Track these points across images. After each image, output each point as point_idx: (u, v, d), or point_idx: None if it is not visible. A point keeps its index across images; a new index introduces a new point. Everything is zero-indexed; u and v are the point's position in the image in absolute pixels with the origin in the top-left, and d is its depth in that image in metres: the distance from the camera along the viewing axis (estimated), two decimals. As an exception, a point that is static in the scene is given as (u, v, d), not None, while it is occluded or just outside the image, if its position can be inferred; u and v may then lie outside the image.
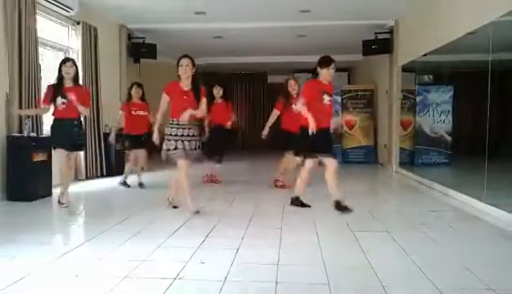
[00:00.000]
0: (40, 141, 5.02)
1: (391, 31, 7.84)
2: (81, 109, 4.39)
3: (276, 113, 5.67)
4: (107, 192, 5.59)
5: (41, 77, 5.46)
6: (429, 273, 2.54)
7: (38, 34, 5.37)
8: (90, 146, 6.56)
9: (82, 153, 6.04)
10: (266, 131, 5.72)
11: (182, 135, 4.04)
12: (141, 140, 5.71)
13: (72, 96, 4.28)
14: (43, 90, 5.63)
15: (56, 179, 5.41)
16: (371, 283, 2.42)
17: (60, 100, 4.32)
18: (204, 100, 4.16)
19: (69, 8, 5.91)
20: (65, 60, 4.51)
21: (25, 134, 4.91)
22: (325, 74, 4.22)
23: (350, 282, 2.47)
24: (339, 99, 9.43)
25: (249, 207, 4.44)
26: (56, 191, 5.28)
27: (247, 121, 13.85)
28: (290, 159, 5.43)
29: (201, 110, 4.13)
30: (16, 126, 4.95)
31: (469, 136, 8.98)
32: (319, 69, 4.24)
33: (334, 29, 8.07)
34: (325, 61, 4.23)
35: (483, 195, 4.52)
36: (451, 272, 2.63)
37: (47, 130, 5.57)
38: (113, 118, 7.37)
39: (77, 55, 6.46)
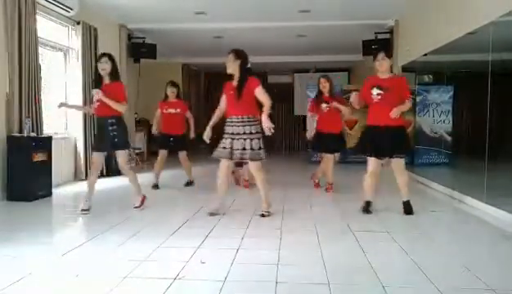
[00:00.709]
0: (40, 141, 5.02)
1: (391, 31, 7.84)
2: (113, 105, 4.03)
3: (310, 115, 5.61)
4: (107, 192, 5.59)
5: (41, 78, 5.47)
6: (429, 274, 2.54)
7: (38, 34, 5.37)
8: (90, 146, 6.55)
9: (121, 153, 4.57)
10: (310, 134, 5.62)
11: (233, 134, 3.92)
12: (177, 140, 5.72)
13: (97, 94, 4.01)
14: (43, 90, 5.65)
15: (57, 178, 5.43)
16: (371, 283, 2.42)
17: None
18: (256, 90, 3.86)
19: (69, 8, 5.91)
20: (100, 56, 4.23)
21: (25, 134, 4.91)
22: (376, 67, 4.10)
23: (350, 283, 2.47)
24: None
25: (249, 207, 4.44)
26: (55, 191, 5.29)
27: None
28: (327, 160, 5.41)
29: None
30: (16, 126, 4.95)
31: (469, 136, 8.98)
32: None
33: (334, 29, 8.07)
34: (374, 54, 4.11)
35: (483, 195, 4.52)
36: (451, 272, 2.63)
37: (46, 130, 5.59)
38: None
39: (77, 56, 6.46)
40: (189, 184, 5.98)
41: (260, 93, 3.88)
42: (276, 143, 14.19)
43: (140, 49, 8.27)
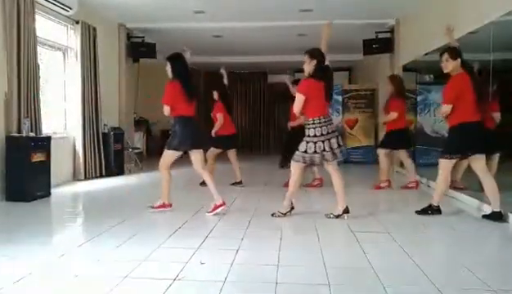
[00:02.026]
0: (39, 141, 5.00)
1: (392, 30, 7.82)
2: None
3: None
4: (107, 192, 5.58)
5: (40, 77, 5.45)
6: (430, 274, 2.53)
7: (37, 33, 5.35)
8: (89, 146, 6.55)
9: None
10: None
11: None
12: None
13: None
14: (42, 89, 5.64)
15: (56, 178, 5.41)
16: (371, 284, 2.40)
17: None
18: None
19: (68, 7, 5.89)
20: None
21: (24, 134, 4.89)
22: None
23: (350, 283, 2.46)
24: (339, 98, 9.43)
25: (249, 208, 4.43)
26: (54, 191, 5.27)
27: (247, 121, 13.84)
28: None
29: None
30: (15, 126, 4.93)
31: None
32: None
33: (334, 29, 7.98)
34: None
35: (484, 195, 4.50)
36: (451, 272, 2.63)
37: (45, 130, 5.58)
38: (112, 117, 7.39)
39: (76, 55, 6.44)
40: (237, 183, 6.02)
41: None
42: (276, 143, 14.18)
43: (139, 48, 8.25)
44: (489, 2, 4.59)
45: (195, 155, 4.17)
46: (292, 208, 4.07)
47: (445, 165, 3.98)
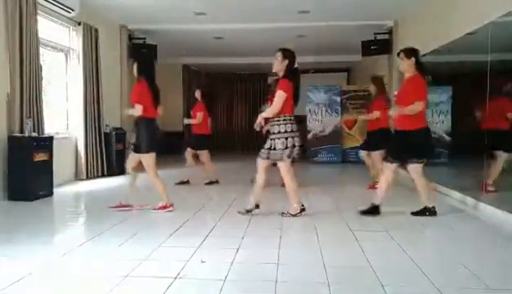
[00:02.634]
0: (41, 141, 5.04)
1: (390, 32, 7.85)
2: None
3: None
4: (109, 192, 5.61)
5: (42, 78, 5.48)
6: (429, 273, 2.55)
7: (39, 35, 5.39)
8: (90, 146, 6.58)
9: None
10: None
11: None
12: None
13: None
14: (45, 90, 5.67)
15: (58, 178, 5.45)
16: (370, 283, 2.43)
17: None
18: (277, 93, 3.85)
19: (70, 9, 5.93)
20: None
21: (26, 134, 4.93)
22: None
23: (349, 282, 2.49)
24: (338, 99, 9.46)
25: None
26: (56, 191, 5.30)
27: (247, 121, 13.87)
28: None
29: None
30: (17, 126, 4.97)
31: (468, 137, 8.98)
32: None
33: (333, 30, 8.09)
34: None
35: (483, 195, 4.53)
36: (450, 272, 2.64)
37: (47, 130, 5.61)
38: (114, 117, 7.41)
39: (78, 56, 6.48)
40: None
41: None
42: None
43: (140, 50, 8.28)
44: (488, 3, 4.61)
45: (150, 159, 4.19)
46: (303, 208, 4.09)
47: (417, 171, 4.03)
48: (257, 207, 4.11)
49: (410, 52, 3.94)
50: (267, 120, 4.08)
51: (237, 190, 5.66)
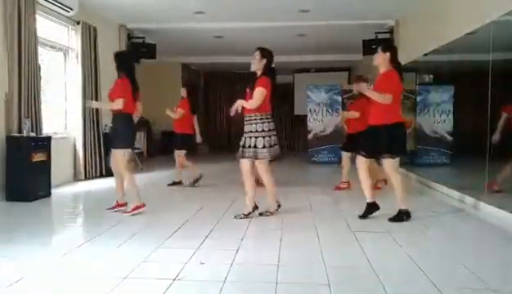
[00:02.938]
0: (39, 141, 5.01)
1: (391, 31, 7.83)
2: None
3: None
4: (107, 192, 5.58)
5: (41, 77, 5.46)
6: (430, 274, 2.53)
7: (38, 34, 5.36)
8: (89, 146, 6.56)
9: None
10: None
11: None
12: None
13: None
14: (43, 90, 5.65)
15: (56, 178, 5.42)
16: (371, 283, 2.41)
17: None
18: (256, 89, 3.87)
19: (69, 8, 5.91)
20: None
21: (25, 134, 4.90)
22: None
23: (350, 283, 2.47)
24: (339, 98, 9.43)
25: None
26: (55, 191, 5.28)
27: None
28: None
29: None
30: (16, 126, 4.94)
31: (470, 136, 8.96)
32: None
33: (334, 29, 8.07)
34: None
35: (484, 195, 4.51)
36: (451, 272, 2.63)
37: (46, 130, 5.59)
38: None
39: (76, 55, 6.46)
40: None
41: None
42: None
43: (140, 49, 8.25)
44: (489, 2, 4.59)
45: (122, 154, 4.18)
46: (279, 205, 4.17)
47: (391, 166, 3.89)
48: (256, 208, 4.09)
49: (387, 47, 3.95)
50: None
51: (236, 190, 5.63)
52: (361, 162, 3.97)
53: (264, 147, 3.87)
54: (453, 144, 8.15)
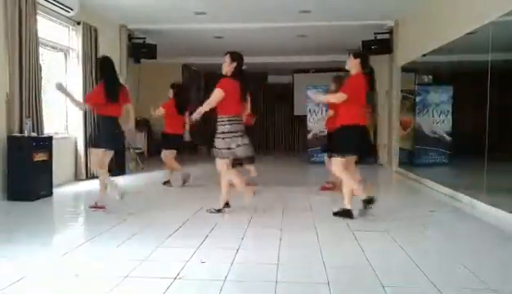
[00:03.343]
0: (41, 141, 5.03)
1: (390, 31, 7.85)
2: None
3: None
4: (107, 192, 5.59)
5: (41, 78, 5.48)
6: (429, 273, 2.55)
7: (39, 35, 5.38)
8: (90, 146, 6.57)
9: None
10: None
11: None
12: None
13: None
14: (44, 90, 5.66)
15: (57, 178, 5.44)
16: (371, 283, 2.43)
17: None
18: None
19: (70, 8, 5.92)
20: None
21: (26, 134, 4.92)
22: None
23: (350, 282, 2.48)
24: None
25: (249, 208, 4.45)
26: (56, 191, 5.30)
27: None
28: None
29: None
30: (17, 126, 4.96)
31: (469, 136, 8.99)
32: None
33: (333, 30, 8.08)
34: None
35: (483, 195, 4.53)
36: (450, 272, 2.64)
37: (47, 130, 5.61)
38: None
39: (77, 56, 6.47)
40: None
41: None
42: (275, 143, 14.22)
43: (140, 49, 8.28)
44: (488, 3, 4.61)
45: (107, 155, 4.41)
46: (227, 204, 4.27)
47: (338, 165, 4.00)
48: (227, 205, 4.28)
49: (358, 54, 4.14)
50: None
51: (236, 190, 5.65)
52: (339, 163, 4.03)
53: (221, 148, 4.01)
54: (452, 144, 8.18)
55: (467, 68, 8.17)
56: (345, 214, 3.97)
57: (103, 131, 4.29)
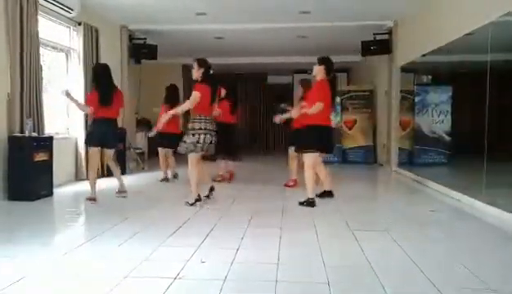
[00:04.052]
0: (41, 141, 5.04)
1: (390, 32, 7.86)
2: None
3: None
4: (108, 191, 5.61)
5: (42, 78, 5.49)
6: (429, 273, 2.55)
7: (40, 35, 5.39)
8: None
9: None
10: None
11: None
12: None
13: None
14: (45, 91, 5.68)
15: (58, 178, 5.45)
16: (370, 282, 2.43)
17: None
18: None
19: (71, 9, 5.94)
20: None
21: (27, 134, 4.94)
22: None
23: (350, 282, 2.49)
24: (338, 99, 9.45)
25: (249, 207, 4.47)
26: (56, 191, 5.32)
27: (247, 121, 13.89)
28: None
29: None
30: (18, 126, 4.97)
31: (468, 136, 9.00)
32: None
33: (333, 30, 8.09)
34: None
35: (482, 195, 4.54)
36: (450, 272, 2.65)
37: (48, 130, 5.62)
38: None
39: (78, 56, 6.49)
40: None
41: None
42: (275, 143, 14.23)
43: (141, 50, 8.29)
44: (487, 3, 4.61)
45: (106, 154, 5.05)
46: (203, 198, 4.60)
47: (308, 160, 4.53)
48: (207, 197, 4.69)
49: (322, 60, 4.52)
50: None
51: (237, 189, 5.67)
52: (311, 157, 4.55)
53: (185, 142, 4.43)
54: (451, 143, 8.19)
55: (466, 68, 8.18)
56: (307, 202, 4.49)
57: (96, 131, 4.71)
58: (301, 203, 4.51)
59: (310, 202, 4.47)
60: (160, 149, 6.34)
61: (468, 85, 7.96)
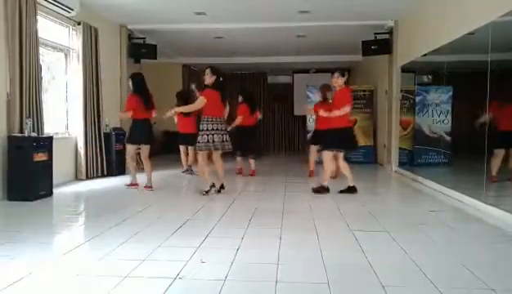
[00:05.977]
0: (41, 141, 5.04)
1: (390, 31, 7.86)
2: None
3: None
4: (108, 192, 5.61)
5: (42, 78, 5.49)
6: (429, 273, 2.55)
7: (39, 35, 5.38)
8: (90, 146, 6.59)
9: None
10: None
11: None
12: None
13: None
14: (44, 90, 5.67)
15: (57, 178, 5.45)
16: (371, 282, 2.43)
17: None
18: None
19: (70, 9, 5.93)
20: None
21: (26, 134, 4.93)
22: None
23: (350, 282, 2.49)
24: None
25: (249, 207, 4.46)
26: (56, 191, 5.32)
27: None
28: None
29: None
30: (17, 126, 4.97)
31: (469, 136, 8.99)
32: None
33: (333, 30, 8.10)
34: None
35: (483, 195, 4.54)
36: (450, 272, 2.64)
37: (47, 130, 5.62)
38: (114, 117, 7.42)
39: (77, 56, 6.48)
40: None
41: None
42: (275, 143, 14.22)
43: (140, 49, 8.29)
44: (488, 3, 4.61)
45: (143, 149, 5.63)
46: (214, 186, 5.21)
47: (326, 156, 5.26)
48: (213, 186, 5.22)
49: (343, 72, 5.16)
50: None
51: (237, 189, 5.66)
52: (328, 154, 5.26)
53: (199, 142, 4.99)
54: (452, 144, 8.18)
55: (467, 68, 8.17)
56: (323, 189, 5.27)
57: (137, 130, 5.43)
58: (315, 191, 5.28)
59: (325, 188, 5.28)
60: (181, 146, 7.16)
61: (469, 85, 7.94)
